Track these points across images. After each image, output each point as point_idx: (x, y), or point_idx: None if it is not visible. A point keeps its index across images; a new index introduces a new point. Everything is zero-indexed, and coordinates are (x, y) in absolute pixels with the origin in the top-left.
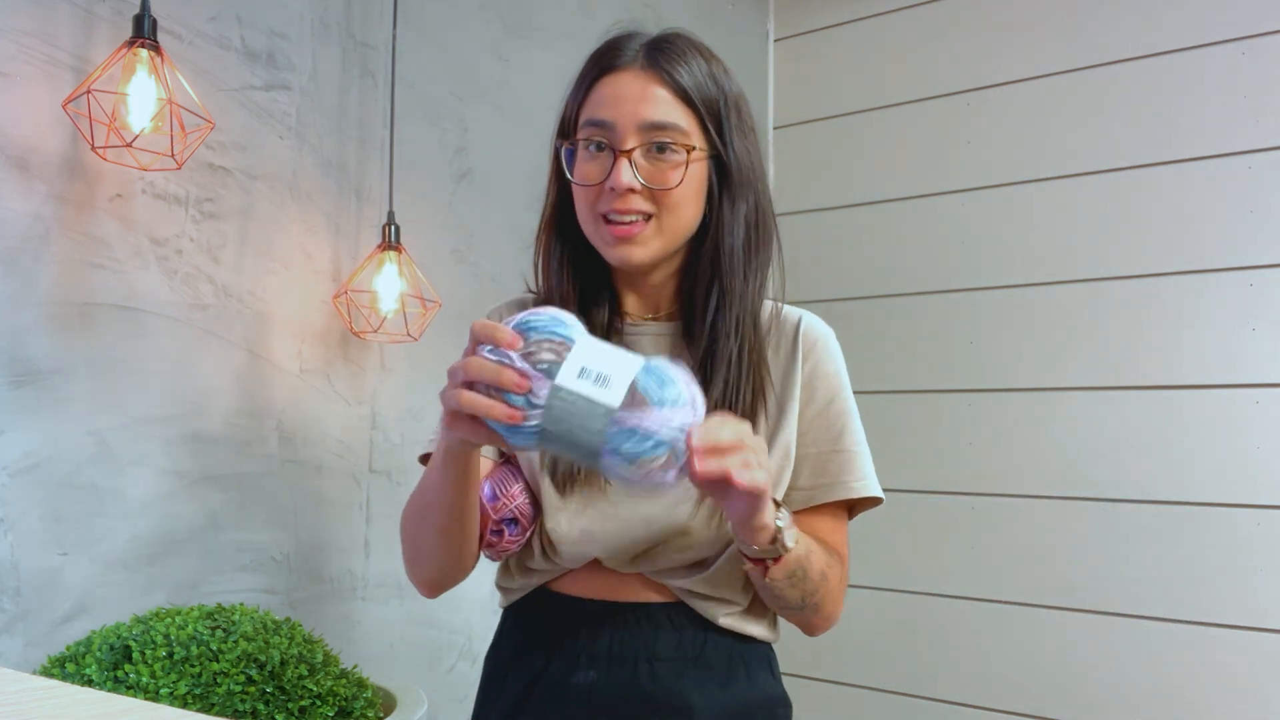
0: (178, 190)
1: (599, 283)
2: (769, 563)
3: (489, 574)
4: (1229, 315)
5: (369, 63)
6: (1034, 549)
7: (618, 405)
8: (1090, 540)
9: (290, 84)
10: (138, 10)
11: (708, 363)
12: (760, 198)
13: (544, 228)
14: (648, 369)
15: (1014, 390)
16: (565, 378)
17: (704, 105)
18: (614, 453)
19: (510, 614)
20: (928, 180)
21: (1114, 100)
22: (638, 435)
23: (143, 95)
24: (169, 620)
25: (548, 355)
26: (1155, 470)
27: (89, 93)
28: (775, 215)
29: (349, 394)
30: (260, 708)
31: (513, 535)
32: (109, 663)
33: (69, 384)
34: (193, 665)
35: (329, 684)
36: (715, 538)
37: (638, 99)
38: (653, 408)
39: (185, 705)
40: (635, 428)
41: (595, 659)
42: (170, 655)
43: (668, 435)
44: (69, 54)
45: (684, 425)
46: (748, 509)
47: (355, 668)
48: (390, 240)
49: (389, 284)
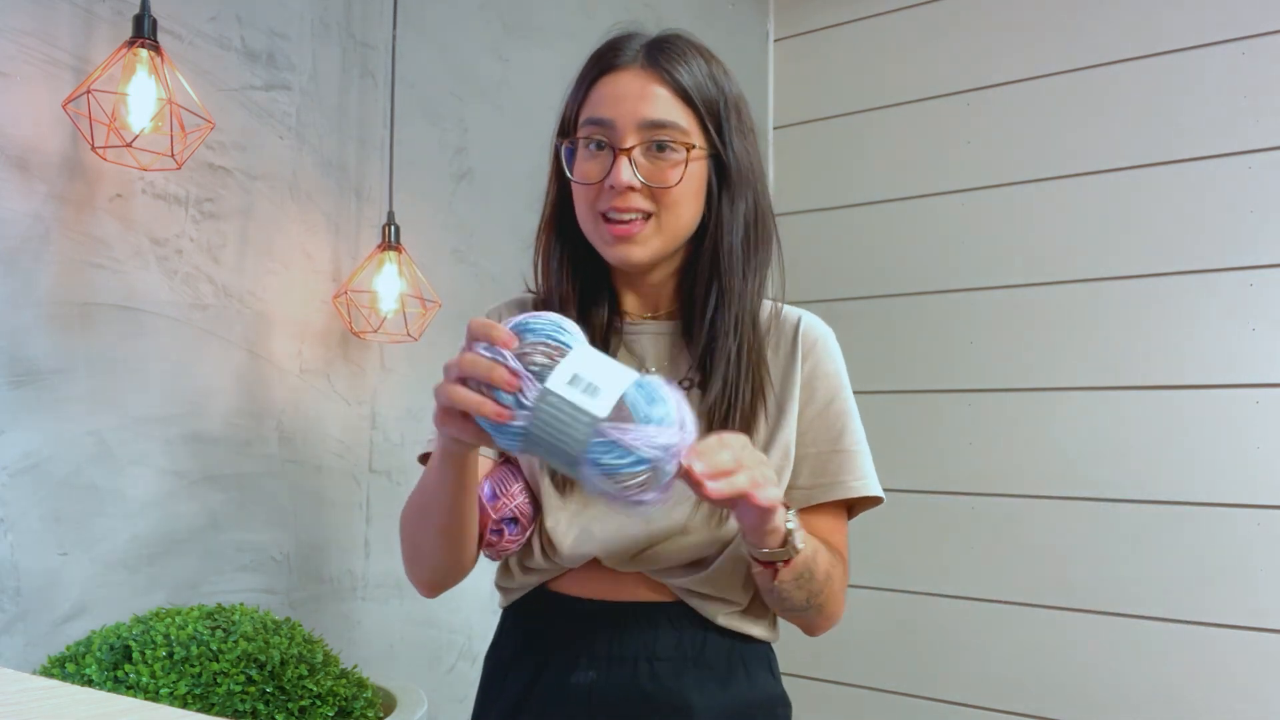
0: (178, 190)
1: (598, 282)
2: (778, 565)
3: (489, 574)
4: (1229, 315)
5: (369, 63)
6: (1034, 549)
7: (603, 416)
8: (1090, 540)
9: (290, 84)
10: (138, 10)
11: (706, 361)
12: (760, 198)
13: (544, 227)
14: (640, 385)
15: (1014, 390)
16: (555, 382)
17: (704, 105)
18: (593, 464)
19: (510, 614)
20: (928, 180)
21: (1114, 100)
22: (618, 450)
23: (143, 95)
24: (169, 620)
25: (541, 358)
26: (1155, 470)
27: (89, 93)
28: (775, 216)
29: (349, 394)
30: (260, 708)
31: (512, 535)
32: (109, 663)
33: (69, 384)
34: (193, 665)
35: (329, 684)
36: (714, 537)
37: (638, 97)
38: (638, 424)
39: (185, 705)
40: (617, 441)
41: (595, 659)
42: (170, 655)
43: (649, 454)
44: (69, 54)
45: (669, 446)
46: (760, 518)
47: (355, 668)
48: (390, 240)
49: (389, 284)
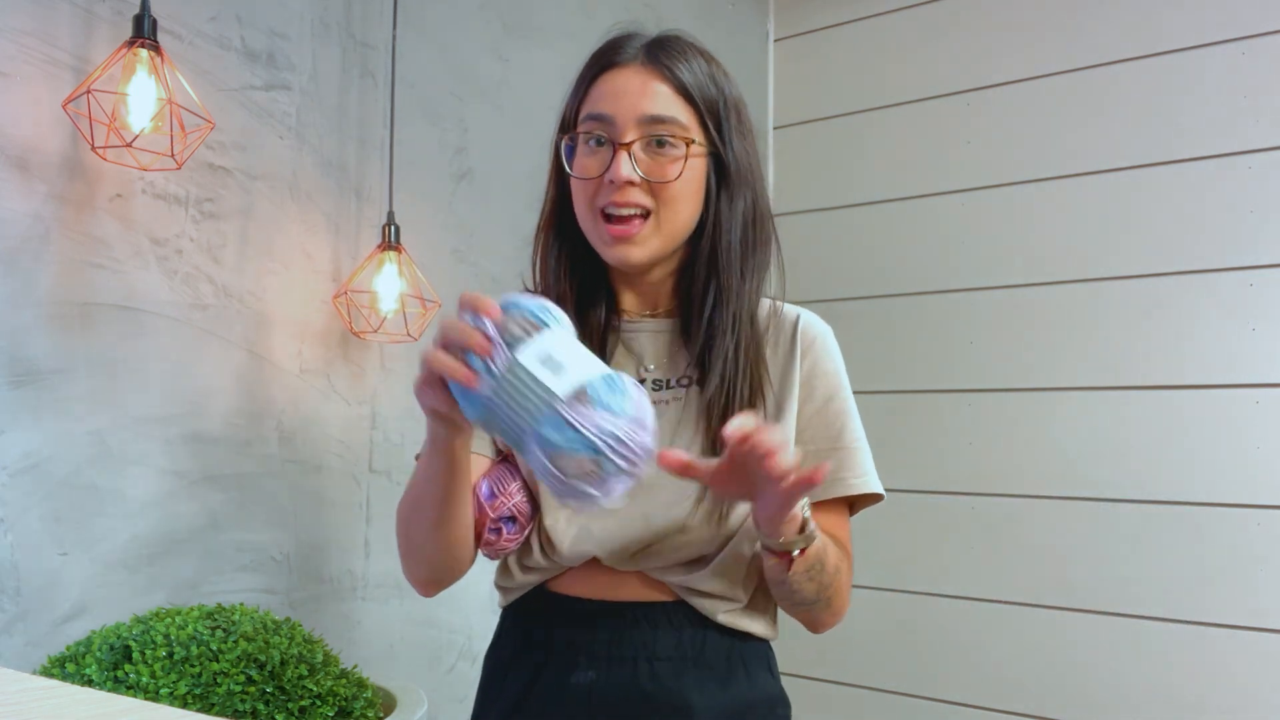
0: (178, 190)
1: (596, 280)
2: (794, 555)
3: (488, 574)
4: (1229, 315)
5: (369, 63)
6: (1034, 549)
7: (560, 395)
8: (1090, 540)
9: (290, 84)
10: (138, 10)
11: (704, 359)
12: (759, 199)
13: (543, 226)
14: (608, 376)
15: (1014, 390)
16: (525, 356)
17: (704, 103)
18: (540, 440)
19: (509, 613)
20: (928, 180)
21: (1114, 100)
22: (567, 430)
23: (143, 95)
24: (169, 620)
25: (517, 331)
26: (1155, 470)
27: (89, 93)
28: (774, 217)
29: (349, 394)
30: (260, 708)
31: (511, 534)
32: (109, 663)
33: (69, 384)
34: (193, 665)
35: (329, 684)
36: (714, 535)
37: (638, 93)
38: (592, 406)
39: (185, 705)
40: (567, 420)
41: (594, 658)
42: (170, 655)
43: (593, 436)
44: (69, 54)
45: (616, 435)
46: (786, 502)
47: (355, 668)
48: (390, 240)
49: (389, 284)
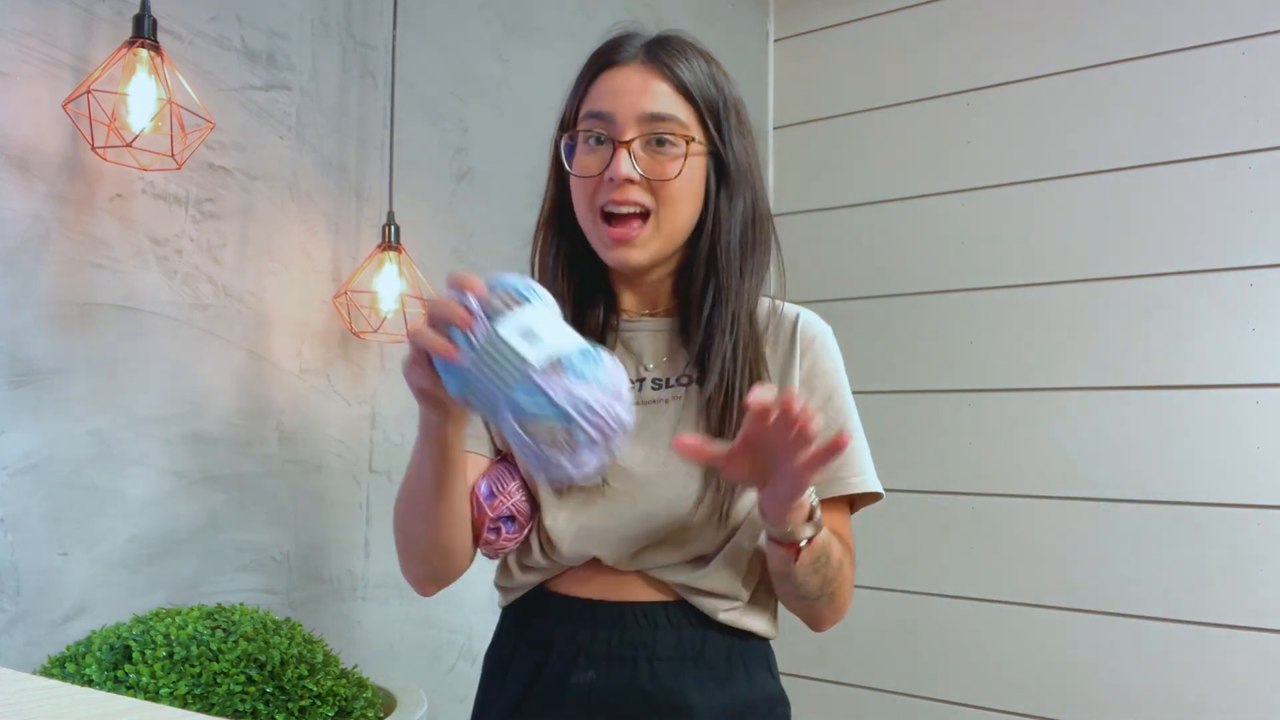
0: (178, 190)
1: (595, 279)
2: (800, 546)
3: (488, 573)
4: (1229, 315)
5: (369, 63)
6: (1034, 549)
7: (534, 362)
8: (1090, 540)
9: (290, 84)
10: (138, 10)
11: (704, 358)
12: (758, 200)
13: (542, 224)
14: (585, 349)
15: (1014, 390)
16: (504, 327)
17: (704, 102)
18: (513, 406)
19: (509, 613)
20: (928, 180)
21: (1114, 100)
22: (539, 396)
23: (143, 95)
24: (169, 620)
25: (500, 305)
26: (1155, 470)
27: (89, 93)
28: (773, 218)
29: (349, 394)
30: (260, 708)
31: (510, 533)
32: (109, 663)
33: (69, 384)
34: (193, 665)
35: (329, 684)
36: (715, 534)
37: (638, 92)
38: (565, 375)
39: (185, 705)
40: (540, 387)
41: (594, 658)
42: (170, 655)
43: (565, 403)
44: (69, 54)
45: (588, 403)
46: (797, 486)
47: (355, 668)
48: (390, 240)
49: (389, 284)
